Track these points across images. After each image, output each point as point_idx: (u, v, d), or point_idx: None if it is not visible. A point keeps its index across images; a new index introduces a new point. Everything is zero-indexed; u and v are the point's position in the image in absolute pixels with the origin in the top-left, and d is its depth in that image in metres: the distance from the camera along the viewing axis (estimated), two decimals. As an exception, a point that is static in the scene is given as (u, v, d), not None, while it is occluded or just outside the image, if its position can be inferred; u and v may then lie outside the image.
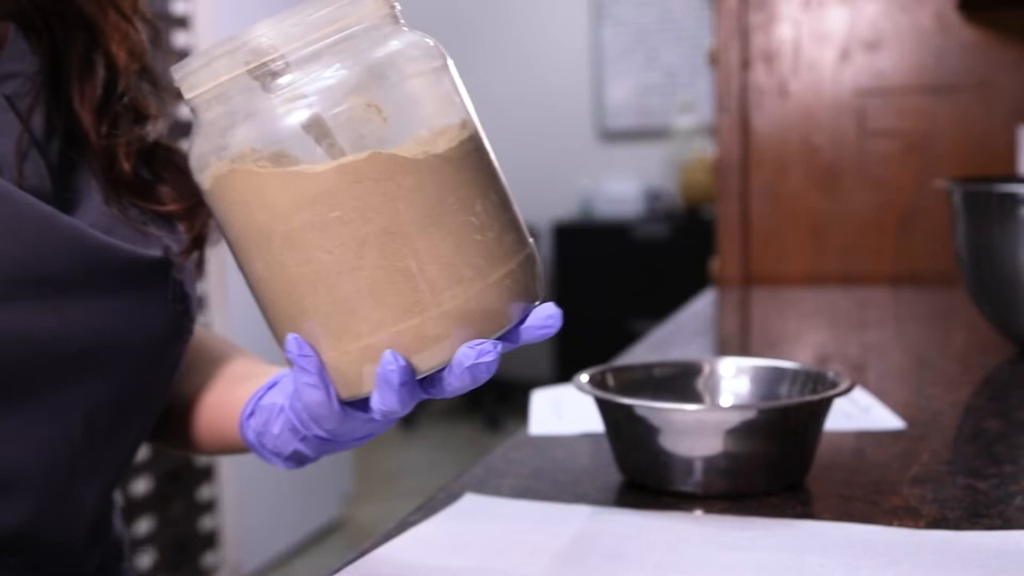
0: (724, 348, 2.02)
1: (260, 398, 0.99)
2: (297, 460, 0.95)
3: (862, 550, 0.93)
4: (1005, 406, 1.42)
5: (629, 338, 2.26)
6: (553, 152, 6.88)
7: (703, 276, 2.65)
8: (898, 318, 2.23)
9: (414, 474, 5.61)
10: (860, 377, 1.59)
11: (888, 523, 0.99)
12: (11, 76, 0.98)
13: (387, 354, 0.74)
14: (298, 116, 0.72)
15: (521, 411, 1.56)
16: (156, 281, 1.00)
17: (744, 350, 1.95)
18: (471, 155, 0.77)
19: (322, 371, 0.77)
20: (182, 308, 1.03)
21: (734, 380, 1.22)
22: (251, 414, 0.99)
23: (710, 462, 1.06)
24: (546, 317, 0.78)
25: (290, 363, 0.78)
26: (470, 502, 1.07)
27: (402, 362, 0.74)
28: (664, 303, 4.27)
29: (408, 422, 6.43)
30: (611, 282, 6.30)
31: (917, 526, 0.98)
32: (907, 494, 1.07)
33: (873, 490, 1.09)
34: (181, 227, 1.04)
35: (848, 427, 1.29)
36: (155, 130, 1.08)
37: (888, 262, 2.50)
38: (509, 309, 0.78)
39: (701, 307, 2.34)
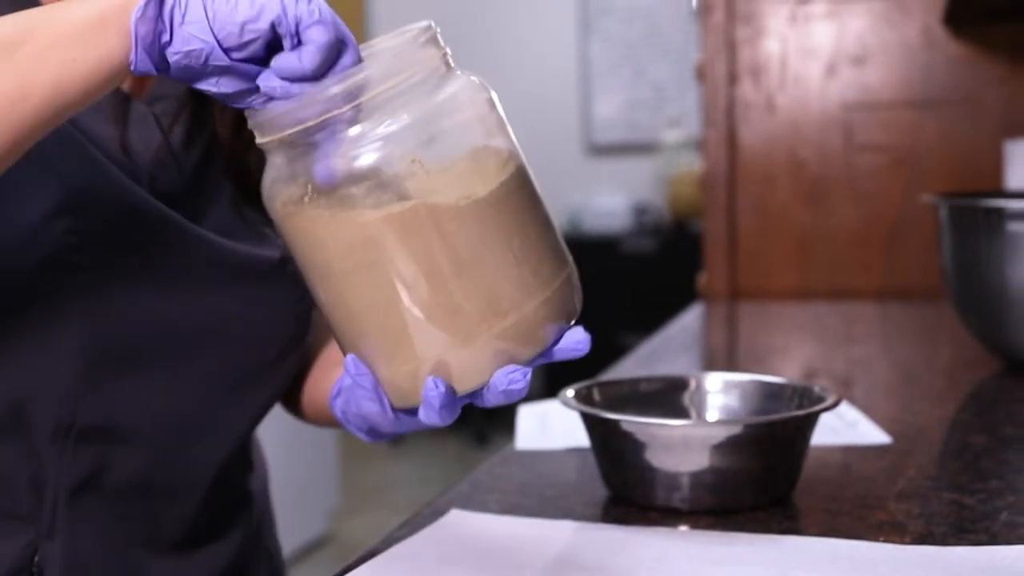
0: (711, 363, 2.02)
1: (344, 379, 1.08)
2: (374, 435, 1.06)
3: (848, 565, 0.92)
4: (991, 421, 1.42)
5: (617, 352, 2.26)
6: (541, 166, 6.84)
7: (691, 290, 2.65)
8: (885, 333, 2.23)
9: (402, 489, 5.60)
10: (847, 392, 1.59)
11: (874, 538, 0.99)
12: (162, 97, 1.14)
13: (429, 381, 0.84)
14: (350, 167, 0.80)
15: (509, 426, 1.57)
16: (275, 277, 1.14)
17: (731, 365, 1.95)
18: (512, 193, 0.84)
19: (376, 386, 0.88)
20: (300, 297, 1.15)
21: (721, 395, 1.22)
22: (337, 394, 1.09)
23: (696, 477, 1.06)
24: (576, 341, 0.87)
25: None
26: (456, 518, 1.07)
27: (442, 388, 0.84)
28: (652, 317, 4.27)
29: (395, 437, 6.42)
30: (599, 296, 6.28)
31: (903, 541, 0.98)
32: (893, 509, 1.07)
33: (859, 505, 1.08)
34: None
35: (835, 442, 1.29)
36: None
37: (875, 277, 2.51)
38: (544, 332, 0.86)
39: (688, 321, 2.34)
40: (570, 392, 1.17)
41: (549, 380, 6.29)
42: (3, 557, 1.06)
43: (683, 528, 1.04)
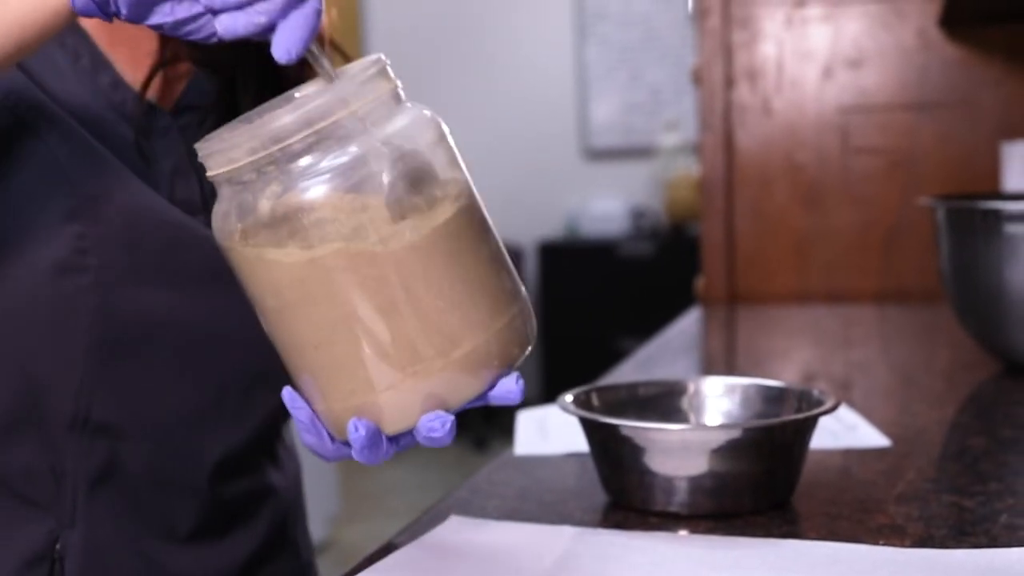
0: (709, 367, 2.01)
1: None
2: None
3: (848, 569, 0.92)
4: (990, 423, 1.42)
5: (615, 356, 2.26)
6: (538, 171, 6.88)
7: (689, 294, 2.65)
8: (883, 336, 2.23)
9: (401, 494, 5.59)
10: (845, 395, 1.59)
11: (874, 542, 0.99)
12: (190, 108, 1.17)
13: (351, 424, 0.83)
14: (274, 208, 0.79)
15: (508, 431, 1.57)
16: None
17: (729, 369, 1.95)
18: (454, 234, 0.83)
19: (313, 420, 0.87)
20: None
21: (719, 399, 1.22)
22: None
23: (695, 482, 1.06)
24: (507, 391, 0.87)
25: None
26: (455, 524, 1.07)
27: (362, 431, 0.83)
28: (649, 321, 4.27)
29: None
30: (596, 300, 6.30)
31: (903, 544, 0.98)
32: (893, 512, 1.07)
33: (859, 508, 1.08)
34: None
35: (834, 445, 1.29)
36: None
37: (873, 279, 2.51)
38: (475, 380, 0.85)
39: (686, 325, 2.34)
40: (569, 397, 1.17)
41: (547, 385, 6.29)
42: (27, 543, 1.10)
43: (682, 533, 1.04)
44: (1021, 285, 1.58)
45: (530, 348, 0.89)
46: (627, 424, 1.08)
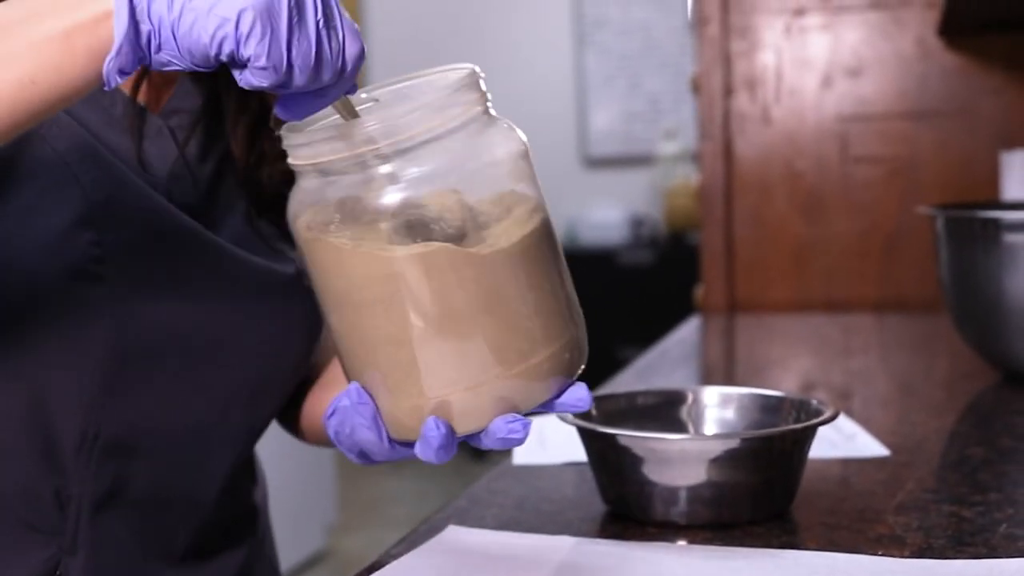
0: (708, 376, 2.01)
1: (340, 401, 1.06)
2: (365, 459, 1.04)
3: (847, 580, 0.92)
4: (989, 433, 1.42)
5: (614, 365, 2.25)
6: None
7: (688, 303, 2.65)
8: (882, 345, 2.23)
9: (399, 503, 5.59)
10: (845, 404, 1.59)
11: (873, 552, 0.99)
12: (176, 111, 1.15)
13: (431, 420, 0.85)
14: (383, 203, 0.82)
15: (506, 440, 1.57)
16: (291, 291, 1.15)
17: (728, 378, 1.95)
18: (534, 246, 0.86)
19: (375, 417, 0.89)
20: (311, 314, 1.16)
21: (718, 409, 1.22)
22: (332, 414, 1.07)
23: (694, 491, 1.06)
24: (577, 398, 0.89)
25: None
26: (453, 534, 1.07)
27: (443, 430, 0.85)
28: (649, 330, 4.26)
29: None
30: (595, 309, 6.27)
31: (902, 555, 0.98)
32: (892, 522, 1.07)
33: (858, 518, 1.08)
34: None
35: (833, 455, 1.29)
36: None
37: (872, 288, 2.50)
38: (546, 386, 0.87)
39: (686, 334, 2.33)
40: (567, 406, 1.16)
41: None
42: (26, 571, 1.07)
43: (681, 543, 1.04)
44: (1020, 294, 1.57)
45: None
46: (625, 434, 1.08)
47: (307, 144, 0.84)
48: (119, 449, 1.08)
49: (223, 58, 0.78)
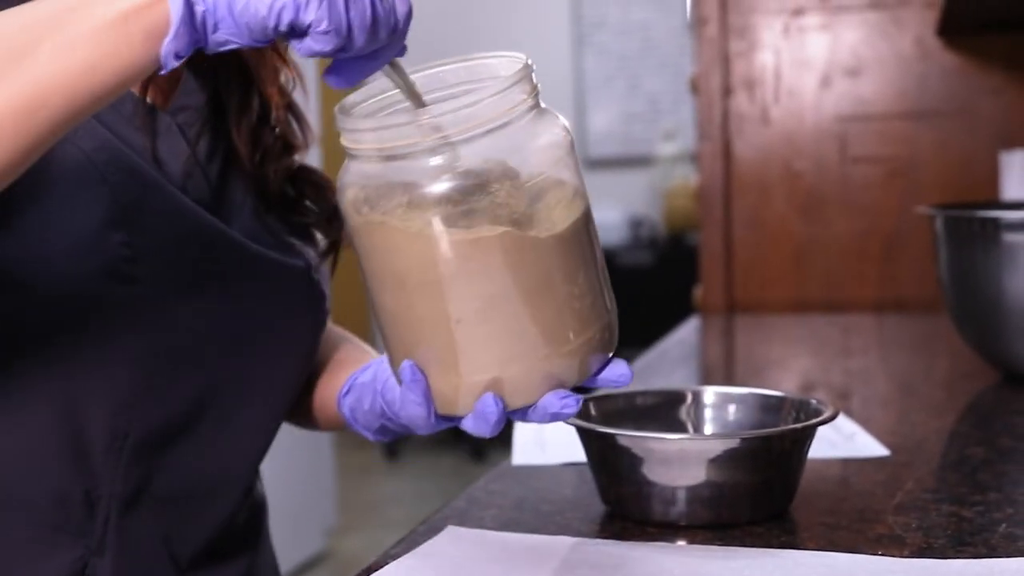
0: (708, 376, 2.01)
1: (355, 379, 1.14)
2: (383, 434, 1.10)
3: (847, 580, 0.92)
4: (989, 433, 1.41)
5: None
6: (536, 180, 6.86)
7: (687, 303, 2.65)
8: (882, 345, 2.22)
9: (399, 505, 5.59)
10: (844, 404, 1.59)
11: (873, 552, 0.98)
12: (183, 108, 1.15)
13: (489, 397, 0.87)
14: (447, 188, 0.84)
15: (506, 441, 1.55)
16: (302, 286, 1.18)
17: (728, 378, 1.95)
18: (581, 231, 0.90)
19: (427, 393, 0.90)
20: (320, 305, 1.20)
21: (717, 409, 1.22)
22: (347, 392, 1.14)
23: (693, 492, 1.06)
24: (619, 374, 0.92)
25: (399, 379, 0.92)
26: (452, 534, 1.07)
27: (500, 405, 0.87)
28: (648, 331, 4.26)
29: (392, 452, 6.41)
30: (595, 310, 6.28)
31: (902, 555, 0.98)
32: (892, 522, 1.07)
33: (858, 518, 1.08)
34: (318, 234, 1.24)
35: (832, 455, 1.29)
36: (299, 157, 1.25)
37: (871, 288, 2.50)
38: (589, 363, 0.91)
39: (685, 335, 2.33)
40: (566, 407, 1.16)
41: (546, 394, 6.28)
42: (55, 573, 1.06)
43: (681, 543, 1.03)
44: (1020, 294, 1.57)
45: None
46: (625, 434, 1.08)
47: (372, 130, 0.86)
48: (148, 448, 1.09)
49: (282, 28, 0.79)
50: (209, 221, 1.10)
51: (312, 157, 1.29)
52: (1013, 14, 2.17)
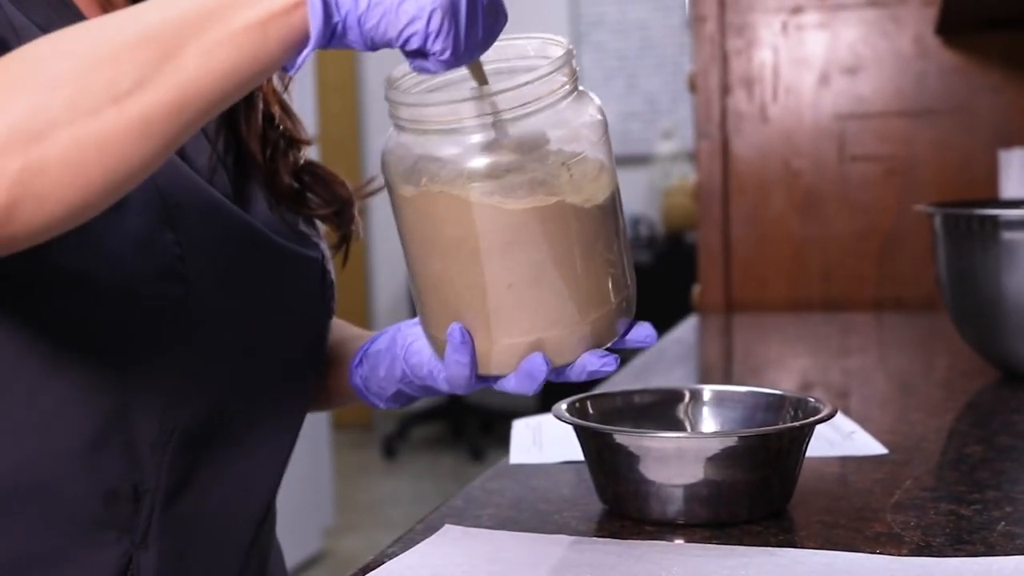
0: (706, 375, 2.01)
1: (367, 349, 1.19)
2: (396, 400, 1.17)
3: (845, 578, 0.92)
4: (988, 431, 1.41)
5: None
6: (535, 180, 6.86)
7: (686, 302, 2.64)
8: (880, 343, 2.22)
9: (397, 505, 5.58)
10: (843, 403, 1.59)
11: (871, 550, 0.98)
12: None
13: (538, 357, 0.95)
14: (504, 161, 0.91)
15: (504, 440, 1.56)
16: (317, 277, 1.21)
17: (726, 377, 1.94)
18: (616, 203, 0.98)
19: (474, 355, 0.97)
20: (332, 295, 1.24)
21: (715, 407, 1.21)
22: (359, 363, 1.19)
23: (691, 490, 1.05)
24: (646, 335, 1.02)
25: (435, 345, 1.00)
26: (449, 533, 1.06)
27: (548, 365, 0.96)
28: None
29: (390, 452, 6.41)
30: (594, 309, 6.27)
31: (900, 553, 0.97)
32: (890, 521, 1.06)
33: (856, 517, 1.08)
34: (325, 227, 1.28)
35: (831, 453, 1.29)
36: (304, 152, 1.28)
37: (870, 287, 2.50)
38: (618, 326, 1.00)
39: (683, 334, 2.33)
40: (563, 405, 1.16)
41: (543, 394, 6.27)
42: (103, 568, 1.07)
43: (678, 541, 1.03)
44: (1018, 292, 1.57)
45: None
46: (623, 432, 1.08)
47: (434, 105, 0.92)
48: (191, 442, 1.10)
49: (404, 48, 0.85)
50: (242, 216, 1.12)
51: (310, 154, 1.30)
52: (1012, 12, 2.17)
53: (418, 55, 0.85)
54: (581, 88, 0.97)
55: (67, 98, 0.79)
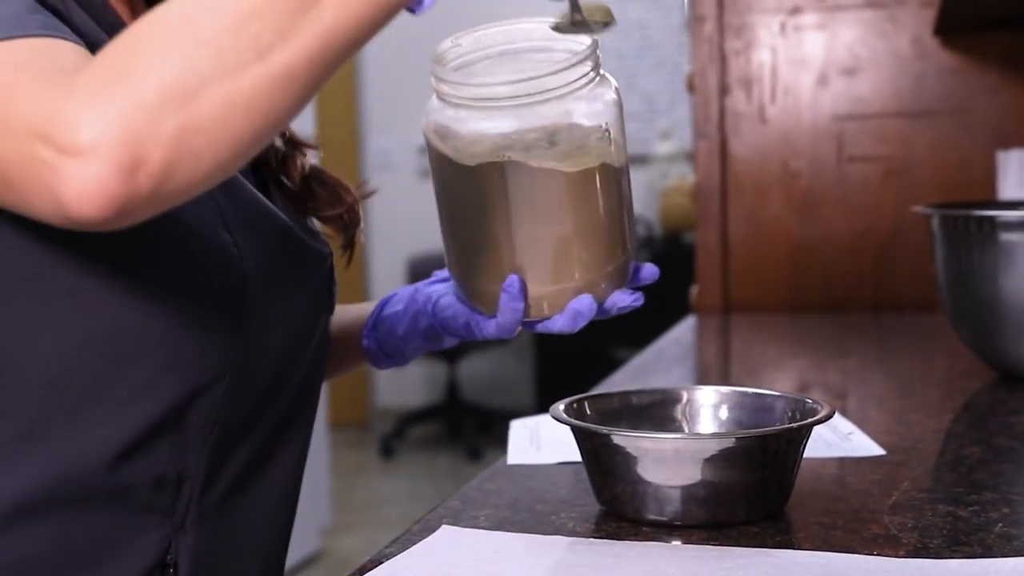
0: (704, 376, 2.01)
1: (378, 315, 1.32)
2: (400, 360, 1.33)
3: (842, 580, 0.92)
4: (985, 432, 1.41)
5: (609, 366, 2.24)
6: (533, 180, 6.85)
7: (683, 303, 2.64)
8: (878, 344, 2.22)
9: (394, 505, 5.58)
10: (841, 404, 1.59)
11: (868, 552, 0.98)
12: None
13: (587, 298, 1.10)
14: (561, 132, 1.06)
15: (502, 441, 1.56)
16: (328, 275, 1.26)
17: (724, 378, 1.94)
18: (627, 168, 1.13)
19: (527, 301, 1.10)
20: (335, 292, 1.28)
21: (713, 408, 1.21)
22: (373, 327, 1.32)
23: (689, 491, 1.05)
24: (651, 273, 1.18)
25: (483, 298, 1.13)
26: (446, 534, 1.06)
27: (595, 304, 1.10)
28: (645, 331, 4.25)
29: (387, 452, 6.41)
30: (592, 309, 6.26)
31: (897, 555, 0.97)
32: (887, 522, 1.06)
33: (853, 518, 1.08)
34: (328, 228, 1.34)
35: (828, 454, 1.29)
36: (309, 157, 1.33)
37: (868, 288, 2.50)
38: (630, 270, 1.15)
39: (681, 335, 2.33)
40: (561, 406, 1.16)
41: (541, 395, 6.28)
42: (146, 551, 1.08)
43: (676, 543, 1.03)
44: (1016, 293, 1.57)
45: None
46: (619, 433, 1.08)
47: (497, 84, 1.04)
48: (232, 427, 1.12)
49: None
50: (280, 218, 1.17)
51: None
52: (1010, 13, 2.17)
53: None
54: (603, 72, 1.10)
55: (215, 55, 0.81)
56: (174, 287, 1.04)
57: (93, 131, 0.79)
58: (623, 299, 1.13)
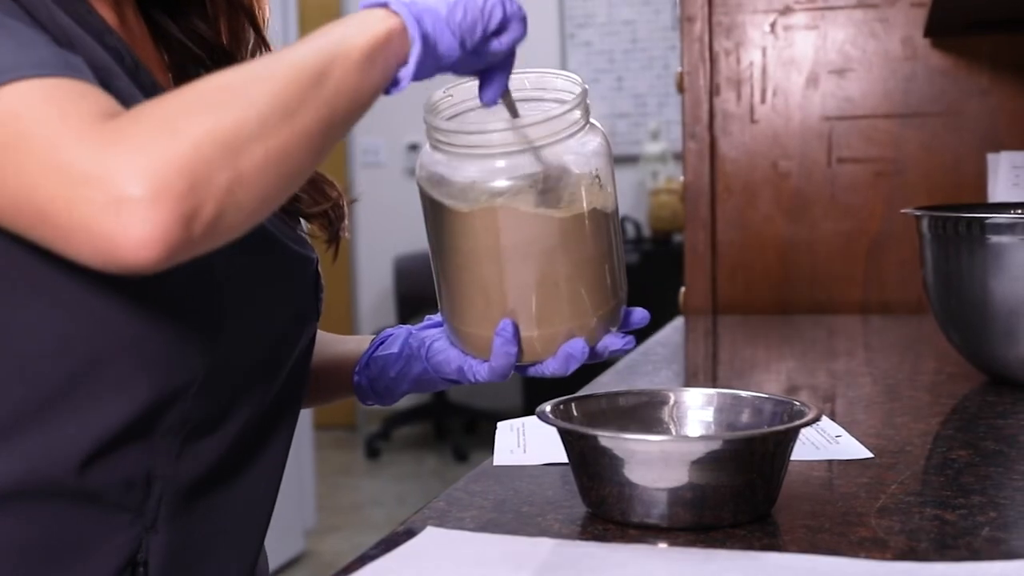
0: (691, 378, 2.01)
1: (372, 354, 1.34)
2: (390, 399, 1.33)
3: (829, 584, 0.91)
4: (973, 436, 1.41)
5: (597, 366, 2.23)
6: (522, 180, 6.85)
7: (672, 304, 2.64)
8: (867, 347, 2.22)
9: (380, 506, 5.57)
10: (828, 407, 1.58)
11: (855, 555, 0.98)
12: None
13: (579, 341, 1.14)
14: (552, 178, 1.10)
15: (488, 442, 1.56)
16: (313, 279, 1.26)
17: (712, 380, 1.94)
18: (618, 210, 1.17)
19: (520, 345, 1.14)
20: (321, 297, 1.29)
21: (700, 410, 1.21)
22: (366, 365, 1.34)
23: (675, 494, 1.05)
24: (642, 317, 1.22)
25: (476, 342, 1.16)
26: (431, 536, 1.06)
27: (587, 348, 1.15)
28: (632, 331, 4.25)
29: (373, 453, 6.40)
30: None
31: (884, 558, 0.97)
32: (875, 525, 1.06)
33: (841, 521, 1.07)
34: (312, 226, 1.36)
35: (816, 457, 1.28)
36: None
37: (857, 290, 2.50)
38: (621, 314, 1.19)
39: (669, 336, 2.33)
40: (548, 407, 1.15)
41: (528, 396, 6.28)
42: (117, 550, 1.09)
43: (662, 545, 1.03)
44: (1005, 296, 1.57)
45: None
46: (606, 435, 1.07)
47: (489, 133, 1.08)
48: (204, 429, 1.13)
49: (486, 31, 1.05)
50: (275, 232, 1.18)
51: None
52: (1001, 15, 2.17)
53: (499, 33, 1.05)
54: (592, 121, 1.15)
55: (257, 117, 0.89)
56: (149, 291, 1.03)
57: (156, 180, 0.83)
58: (615, 342, 1.17)
